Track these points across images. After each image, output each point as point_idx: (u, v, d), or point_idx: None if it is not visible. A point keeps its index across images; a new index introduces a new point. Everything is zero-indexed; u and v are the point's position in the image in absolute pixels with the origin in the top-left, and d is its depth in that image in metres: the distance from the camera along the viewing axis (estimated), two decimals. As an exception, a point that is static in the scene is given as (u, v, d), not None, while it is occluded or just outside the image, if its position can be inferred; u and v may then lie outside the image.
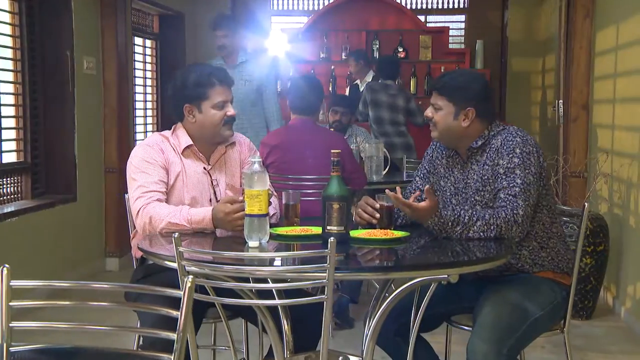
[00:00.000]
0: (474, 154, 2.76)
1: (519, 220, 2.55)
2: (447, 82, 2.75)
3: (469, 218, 2.54)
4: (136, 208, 2.75)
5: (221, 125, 2.88)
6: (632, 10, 4.75)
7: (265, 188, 2.46)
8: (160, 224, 2.68)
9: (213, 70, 2.90)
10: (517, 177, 2.60)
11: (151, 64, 7.67)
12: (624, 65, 4.90)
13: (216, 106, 2.86)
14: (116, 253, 6.16)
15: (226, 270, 2.11)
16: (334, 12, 8.17)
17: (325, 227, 2.47)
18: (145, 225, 2.71)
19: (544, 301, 2.64)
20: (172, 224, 2.67)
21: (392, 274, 2.29)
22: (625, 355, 4.12)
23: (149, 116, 7.64)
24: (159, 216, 2.69)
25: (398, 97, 6.41)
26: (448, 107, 2.73)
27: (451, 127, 2.74)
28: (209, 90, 2.85)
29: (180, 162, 2.88)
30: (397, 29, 8.10)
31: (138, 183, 2.79)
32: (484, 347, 2.48)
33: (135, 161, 2.84)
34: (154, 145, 2.87)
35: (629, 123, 4.73)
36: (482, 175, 2.71)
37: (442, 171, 2.86)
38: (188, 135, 2.90)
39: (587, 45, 5.69)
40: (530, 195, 2.60)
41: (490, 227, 2.54)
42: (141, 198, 2.75)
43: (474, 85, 2.75)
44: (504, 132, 2.73)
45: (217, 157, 2.95)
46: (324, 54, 8.09)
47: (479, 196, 2.70)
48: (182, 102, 2.88)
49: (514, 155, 2.63)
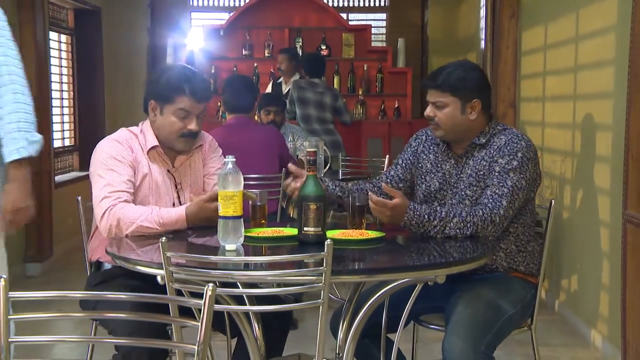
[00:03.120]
0: (473, 149, 2.72)
1: (497, 220, 2.54)
2: (447, 76, 2.66)
3: (446, 214, 2.52)
4: (102, 209, 2.58)
5: (177, 136, 2.71)
6: (559, 11, 4.88)
7: (239, 189, 2.37)
8: (129, 227, 2.54)
9: (191, 78, 2.70)
10: (509, 179, 2.59)
11: (67, 60, 7.38)
12: (554, 64, 5.03)
13: (176, 114, 2.68)
14: (37, 257, 5.87)
15: (216, 275, 2.01)
16: (256, 9, 8.08)
17: (302, 228, 2.40)
18: (112, 227, 2.56)
19: (516, 299, 2.66)
20: (143, 227, 2.54)
21: (387, 275, 2.24)
22: (566, 347, 4.23)
23: (66, 114, 7.34)
24: (128, 219, 2.55)
25: (325, 95, 6.40)
26: (454, 102, 2.66)
27: (459, 123, 2.67)
28: (176, 95, 2.67)
29: (147, 162, 2.73)
30: (319, 26, 8.08)
31: (105, 181, 2.62)
32: (460, 344, 2.47)
33: (103, 157, 2.67)
34: (123, 142, 2.72)
35: (560, 120, 4.86)
36: (477, 171, 2.67)
37: (429, 166, 2.80)
38: (154, 134, 2.77)
39: (513, 44, 5.82)
40: (516, 200, 2.60)
41: (467, 225, 2.52)
42: (107, 198, 2.58)
43: (474, 75, 2.70)
44: (509, 132, 2.71)
45: (182, 161, 2.81)
46: (246, 51, 7.98)
47: (470, 191, 2.67)
48: (149, 96, 2.74)
49: (514, 158, 2.61)
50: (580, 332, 4.36)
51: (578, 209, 4.48)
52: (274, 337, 2.63)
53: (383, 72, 7.97)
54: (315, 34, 8.04)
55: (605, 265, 4.05)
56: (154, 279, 2.22)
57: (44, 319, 1.58)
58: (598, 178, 4.16)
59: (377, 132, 7.26)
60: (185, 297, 1.52)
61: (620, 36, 3.83)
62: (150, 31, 8.31)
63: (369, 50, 8.12)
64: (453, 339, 2.49)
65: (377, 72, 7.98)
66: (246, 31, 8.02)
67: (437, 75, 2.71)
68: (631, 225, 3.44)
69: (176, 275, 2.01)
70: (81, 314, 1.55)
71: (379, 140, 7.18)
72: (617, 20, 3.92)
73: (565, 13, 4.76)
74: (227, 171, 2.36)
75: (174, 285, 2.01)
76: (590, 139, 4.28)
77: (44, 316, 1.49)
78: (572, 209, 4.61)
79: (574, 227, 4.59)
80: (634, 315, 3.44)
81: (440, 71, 2.72)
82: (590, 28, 4.34)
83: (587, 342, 4.22)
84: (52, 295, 1.59)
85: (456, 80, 2.66)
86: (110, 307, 2.44)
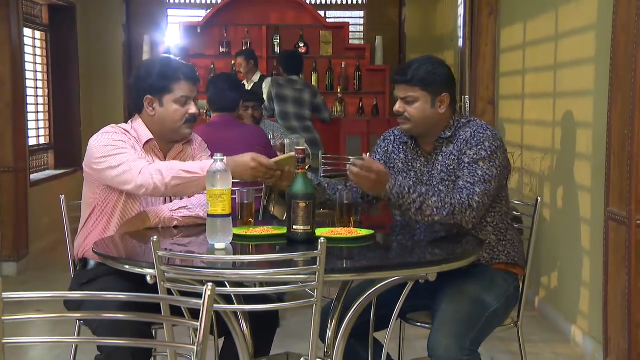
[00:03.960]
0: (440, 145, 2.74)
1: (474, 205, 2.56)
2: (416, 71, 2.68)
3: (426, 190, 2.55)
4: (139, 166, 2.56)
5: (181, 123, 2.74)
6: (538, 10, 4.91)
7: (228, 187, 2.34)
8: (171, 172, 2.53)
9: (180, 65, 2.77)
10: (479, 168, 2.61)
11: (42, 57, 7.29)
12: (533, 62, 5.05)
13: (178, 101, 2.72)
14: (13, 257, 5.78)
15: (209, 275, 1.98)
16: (233, 6, 8.03)
17: (291, 227, 2.39)
18: (153, 177, 2.53)
19: (499, 293, 2.67)
20: (185, 171, 2.54)
21: (380, 273, 2.23)
22: (546, 343, 4.26)
23: (41, 112, 7.25)
24: (169, 166, 2.56)
25: (304, 91, 6.40)
26: (424, 96, 2.68)
27: (429, 117, 2.69)
28: (173, 83, 2.71)
29: (142, 155, 2.71)
30: (297, 24, 8.06)
31: (126, 154, 2.60)
32: (445, 341, 2.47)
33: (106, 142, 2.65)
34: (118, 131, 2.70)
35: (539, 118, 4.89)
36: (447, 166, 2.69)
37: (401, 165, 2.82)
38: (147, 129, 2.74)
39: (492, 42, 5.85)
40: (490, 187, 2.61)
41: (445, 205, 2.53)
42: (142, 159, 2.60)
43: (443, 70, 2.72)
44: (473, 124, 2.72)
45: (174, 155, 2.80)
46: (224, 49, 7.94)
47: (443, 186, 2.68)
48: (143, 92, 2.72)
49: (482, 148, 2.63)
50: (560, 328, 4.39)
51: (558, 206, 4.52)
52: (262, 336, 2.61)
53: (361, 70, 7.97)
54: (293, 32, 8.01)
55: (586, 261, 4.08)
56: (142, 277, 2.20)
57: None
58: (578, 175, 4.19)
59: (356, 129, 7.26)
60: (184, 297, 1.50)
61: (600, 34, 3.86)
62: (126, 28, 8.22)
63: (346, 48, 8.11)
64: (438, 336, 2.49)
65: (355, 69, 7.98)
66: (224, 28, 7.97)
67: (405, 70, 2.71)
68: (613, 222, 3.47)
69: (167, 275, 1.99)
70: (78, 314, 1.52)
71: (358, 137, 7.18)
72: (597, 18, 3.95)
73: (545, 11, 4.79)
74: (216, 169, 2.34)
75: (165, 285, 1.98)
76: (570, 137, 4.31)
77: (41, 317, 1.46)
78: (552, 206, 4.64)
79: (554, 224, 4.62)
80: (615, 311, 3.47)
81: (409, 66, 2.72)
82: (570, 26, 4.36)
83: (568, 338, 4.25)
84: (51, 295, 1.56)
85: (425, 74, 2.67)
86: (96, 307, 2.41)
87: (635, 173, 3.26)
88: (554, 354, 4.12)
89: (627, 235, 3.30)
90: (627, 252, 3.31)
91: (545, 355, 4.08)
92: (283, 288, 2.04)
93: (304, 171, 2.41)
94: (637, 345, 3.31)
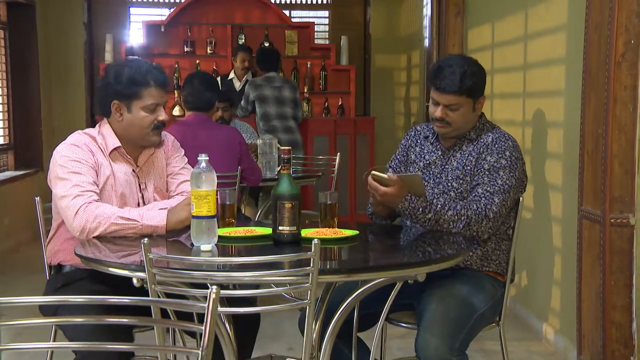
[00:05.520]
0: (461, 142, 2.75)
1: (491, 215, 2.57)
2: (463, 79, 2.63)
3: (441, 206, 2.55)
4: (75, 206, 2.47)
5: (149, 130, 2.65)
6: (506, 10, 4.95)
7: (213, 188, 2.30)
8: (106, 222, 2.45)
9: (151, 69, 2.65)
10: (499, 177, 2.62)
11: (0, 55, 7.11)
12: (502, 62, 5.09)
13: (147, 108, 2.63)
14: (-26, 261, 5.65)
15: (199, 276, 1.94)
16: (197, 5, 7.94)
17: (277, 228, 2.35)
18: (87, 225, 2.45)
19: (487, 296, 2.69)
20: (123, 219, 2.46)
21: (370, 274, 2.20)
22: (520, 341, 4.28)
23: (0, 111, 7.08)
24: (105, 214, 2.46)
25: (284, 88, 6.37)
26: (467, 103, 2.70)
27: (468, 120, 2.73)
28: (142, 89, 2.61)
29: (109, 164, 2.64)
30: (262, 23, 8.01)
31: (72, 183, 2.52)
32: (434, 342, 2.46)
33: (63, 161, 2.56)
34: (82, 145, 2.61)
35: (508, 118, 4.92)
36: (463, 164, 2.70)
37: (413, 157, 2.84)
38: (115, 134, 2.67)
39: (459, 42, 5.88)
40: (508, 197, 2.64)
41: (461, 218, 2.55)
42: (80, 196, 2.49)
43: (483, 73, 2.74)
44: (496, 131, 2.75)
45: (145, 159, 2.74)
46: (188, 48, 7.85)
47: (456, 183, 2.70)
48: (111, 97, 2.63)
49: (503, 157, 2.65)
50: (532, 327, 4.43)
51: (529, 206, 4.55)
52: (244, 338, 2.58)
53: (326, 70, 7.95)
54: (258, 31, 7.96)
55: (557, 260, 4.12)
56: (119, 281, 2.16)
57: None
58: (550, 175, 4.23)
59: (323, 129, 7.24)
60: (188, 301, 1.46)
61: (571, 35, 3.89)
62: (87, 26, 8.08)
63: (312, 48, 8.08)
64: (427, 336, 2.48)
65: (320, 69, 7.96)
66: (188, 27, 7.88)
67: (451, 79, 2.65)
68: (587, 221, 3.50)
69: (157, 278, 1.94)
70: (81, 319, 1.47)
71: (325, 137, 7.16)
72: (567, 19, 3.99)
73: (514, 12, 4.82)
74: (201, 170, 2.30)
75: (156, 288, 1.93)
76: (541, 136, 4.34)
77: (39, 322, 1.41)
78: (524, 206, 4.67)
79: (525, 223, 4.64)
80: (588, 309, 3.51)
81: (453, 73, 2.66)
82: (539, 27, 4.40)
83: (540, 336, 4.29)
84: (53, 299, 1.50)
85: (472, 83, 2.67)
86: (71, 312, 2.34)
87: (609, 172, 3.29)
88: (527, 351, 4.15)
89: (602, 234, 3.34)
90: (601, 250, 3.35)
91: (518, 354, 4.10)
92: (277, 290, 2.01)
93: (288, 172, 2.38)
94: (612, 342, 3.34)
